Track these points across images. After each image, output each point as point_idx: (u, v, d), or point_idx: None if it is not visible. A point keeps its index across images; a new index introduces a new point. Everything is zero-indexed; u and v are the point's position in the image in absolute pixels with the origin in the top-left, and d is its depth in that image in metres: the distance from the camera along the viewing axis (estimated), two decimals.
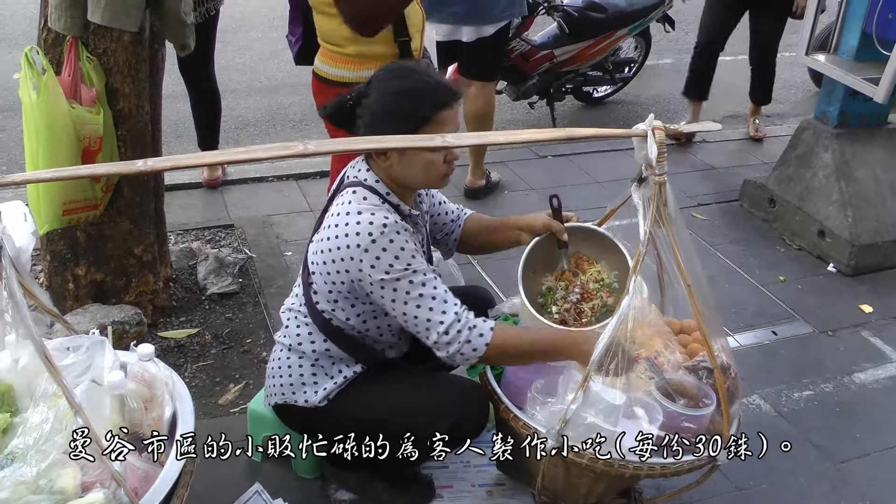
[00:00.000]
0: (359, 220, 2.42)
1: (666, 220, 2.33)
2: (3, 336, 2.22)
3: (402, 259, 2.39)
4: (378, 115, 2.45)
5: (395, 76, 2.51)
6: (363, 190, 2.52)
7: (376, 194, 2.52)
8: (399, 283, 2.39)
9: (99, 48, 3.29)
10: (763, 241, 5.05)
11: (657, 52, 8.12)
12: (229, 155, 2.09)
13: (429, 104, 2.43)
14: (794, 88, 8.22)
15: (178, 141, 5.53)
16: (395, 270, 2.38)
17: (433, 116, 2.42)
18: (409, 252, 2.41)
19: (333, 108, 2.60)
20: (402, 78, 2.49)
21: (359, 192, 2.51)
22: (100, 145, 3.28)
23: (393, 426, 2.52)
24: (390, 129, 2.38)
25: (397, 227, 2.42)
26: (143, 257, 3.76)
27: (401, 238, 2.41)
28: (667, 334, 2.77)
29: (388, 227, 2.40)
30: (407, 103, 2.43)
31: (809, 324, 4.22)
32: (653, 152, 2.24)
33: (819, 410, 3.59)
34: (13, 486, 1.96)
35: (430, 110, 2.42)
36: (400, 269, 2.38)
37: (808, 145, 5.06)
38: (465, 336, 2.39)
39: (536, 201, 5.41)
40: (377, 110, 2.46)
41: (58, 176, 2.27)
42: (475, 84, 5.07)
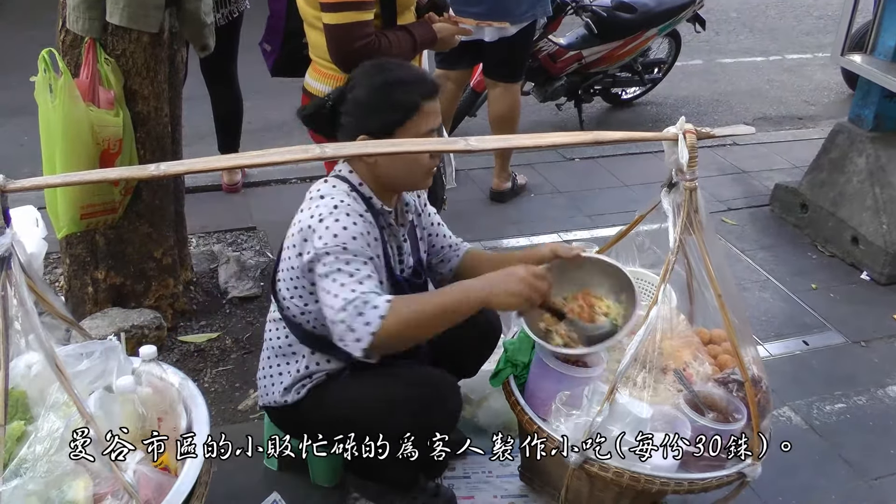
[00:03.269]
0: (318, 205, 2.39)
1: (697, 226, 2.27)
2: (18, 342, 2.18)
3: (340, 237, 2.30)
4: (367, 107, 2.42)
5: (380, 70, 2.49)
6: (333, 179, 2.50)
7: (347, 183, 2.47)
8: (327, 257, 2.28)
9: (117, 49, 3.26)
10: (794, 248, 4.94)
11: (687, 52, 8.03)
12: (245, 158, 2.05)
13: (417, 94, 2.40)
14: (826, 90, 8.10)
15: (202, 143, 5.49)
16: (328, 247, 2.28)
17: (421, 106, 2.40)
18: (351, 233, 2.31)
19: (311, 109, 2.56)
20: (387, 70, 2.48)
21: (329, 181, 2.49)
22: (119, 148, 3.25)
23: (360, 424, 2.44)
24: (377, 121, 2.38)
25: (349, 209, 2.36)
26: (163, 261, 3.73)
27: (348, 220, 2.33)
28: (696, 345, 2.70)
29: (338, 209, 2.35)
30: (395, 93, 2.40)
31: (842, 334, 4.11)
32: (684, 157, 2.18)
33: (851, 424, 3.49)
34: (24, 496, 1.93)
35: (419, 100, 2.40)
36: (332, 245, 2.28)
37: (842, 149, 4.95)
38: (358, 310, 2.16)
39: (563, 205, 5.35)
40: (364, 102, 2.42)
41: (68, 181, 2.23)
42: (500, 85, 5.01)
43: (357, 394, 2.54)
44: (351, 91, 2.47)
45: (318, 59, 3.22)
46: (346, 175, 2.50)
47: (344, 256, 2.28)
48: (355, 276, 2.25)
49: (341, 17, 2.94)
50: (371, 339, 2.14)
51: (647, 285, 3.00)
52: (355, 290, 2.21)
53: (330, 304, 2.23)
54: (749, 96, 7.87)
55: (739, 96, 7.85)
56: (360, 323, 2.15)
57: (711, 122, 7.11)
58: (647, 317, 2.32)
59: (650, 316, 2.30)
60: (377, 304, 2.17)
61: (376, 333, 2.14)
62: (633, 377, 2.41)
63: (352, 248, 2.29)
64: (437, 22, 3.30)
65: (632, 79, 7.18)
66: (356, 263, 2.28)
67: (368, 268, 2.30)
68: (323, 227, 2.32)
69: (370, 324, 2.14)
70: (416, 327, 2.23)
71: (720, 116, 7.34)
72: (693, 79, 8.23)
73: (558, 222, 5.12)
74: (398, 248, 2.62)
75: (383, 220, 2.53)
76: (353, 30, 2.95)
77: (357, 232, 2.33)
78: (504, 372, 2.74)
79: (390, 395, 2.48)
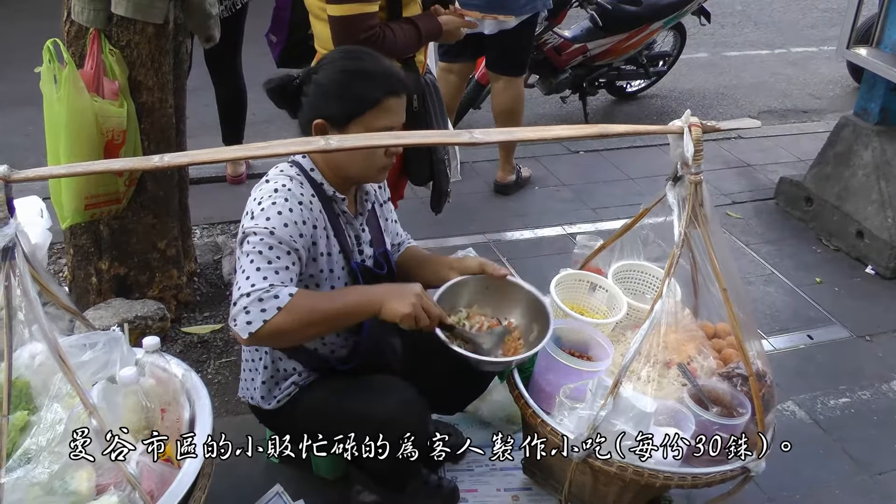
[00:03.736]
0: (261, 188, 2.40)
1: (702, 220, 2.26)
2: (22, 333, 2.18)
3: (272, 221, 2.28)
4: (326, 92, 2.38)
5: (349, 56, 2.44)
6: (284, 164, 2.48)
7: (297, 167, 2.46)
8: (252, 237, 2.26)
9: (122, 40, 3.25)
10: (799, 242, 4.93)
11: (692, 45, 8.01)
12: (249, 150, 2.03)
13: (380, 88, 2.35)
14: (832, 83, 8.07)
15: (207, 134, 5.48)
16: (256, 227, 2.27)
17: (382, 101, 2.35)
18: (283, 219, 2.29)
19: (276, 83, 2.47)
20: (355, 59, 2.42)
21: (281, 165, 2.48)
22: (123, 139, 3.25)
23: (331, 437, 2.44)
24: (336, 107, 2.35)
25: (289, 194, 2.34)
26: (167, 252, 3.72)
27: (284, 205, 2.31)
28: (700, 339, 2.69)
29: (277, 192, 2.34)
30: (357, 84, 2.36)
31: (846, 328, 4.10)
32: (689, 150, 2.17)
33: (856, 419, 3.48)
34: (26, 487, 1.93)
35: (380, 94, 2.35)
36: (261, 227, 2.26)
37: (848, 143, 4.93)
38: (258, 297, 2.14)
39: (568, 197, 5.34)
40: (326, 86, 2.38)
41: (72, 171, 2.22)
42: (503, 79, 4.99)
43: (327, 409, 2.54)
44: (316, 73, 2.42)
45: (323, 51, 3.21)
46: (299, 159, 2.49)
47: (268, 240, 2.26)
48: (273, 263, 2.24)
49: (346, 9, 2.93)
50: (261, 325, 2.14)
51: (651, 279, 2.99)
52: (267, 279, 2.20)
53: (239, 284, 2.21)
54: (754, 89, 7.85)
55: (744, 89, 7.82)
56: (257, 309, 2.14)
57: (716, 115, 7.09)
58: (651, 311, 2.31)
59: (655, 310, 2.29)
60: (279, 294, 2.17)
61: (268, 321, 2.14)
62: (637, 371, 2.40)
63: (278, 234, 2.27)
64: (443, 14, 3.29)
65: (637, 72, 7.15)
66: (278, 251, 2.26)
67: (290, 258, 2.29)
68: (259, 210, 2.31)
69: (266, 311, 2.14)
70: (309, 324, 2.23)
71: (725, 110, 7.32)
72: (698, 72, 8.21)
73: (562, 215, 5.11)
74: (356, 236, 2.60)
75: (336, 207, 2.51)
76: (357, 21, 2.94)
77: (290, 219, 2.31)
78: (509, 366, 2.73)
79: (360, 410, 2.47)
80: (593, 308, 2.96)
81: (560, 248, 4.64)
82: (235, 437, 3.06)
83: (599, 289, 2.95)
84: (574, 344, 2.72)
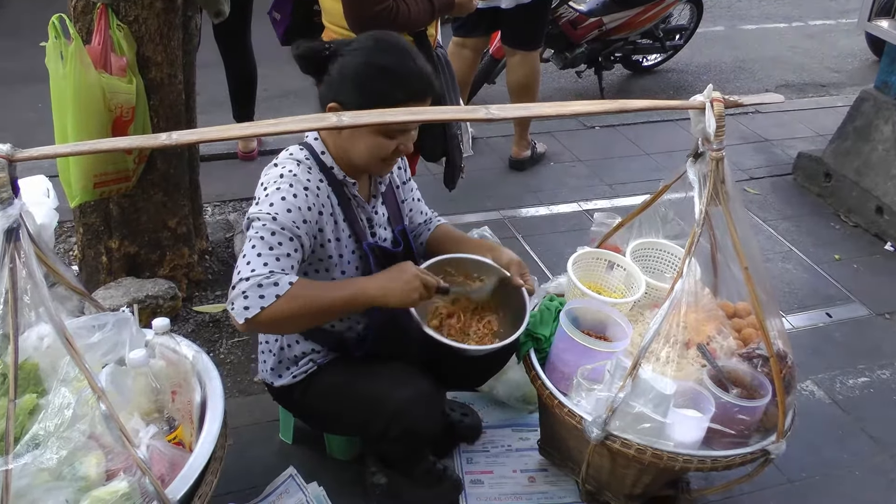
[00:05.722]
0: (269, 172, 2.38)
1: (723, 197, 2.21)
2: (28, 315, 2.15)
3: (275, 207, 2.26)
4: (348, 80, 2.30)
5: (378, 48, 2.34)
6: (295, 147, 2.45)
7: (308, 150, 2.43)
8: (256, 223, 2.25)
9: (130, 16, 3.20)
10: (817, 218, 4.87)
11: (709, 18, 7.93)
12: (259, 127, 1.99)
13: (402, 91, 2.27)
14: (851, 57, 7.97)
15: (219, 110, 5.44)
16: (260, 213, 2.26)
17: (402, 104, 2.24)
18: (286, 205, 2.27)
19: (306, 49, 2.40)
20: (385, 53, 2.33)
21: (290, 149, 2.45)
22: (132, 115, 3.21)
23: (344, 422, 2.47)
24: (353, 97, 2.27)
25: (294, 180, 2.32)
26: (178, 230, 3.69)
27: (289, 191, 2.29)
28: (720, 319, 2.64)
29: (283, 178, 2.32)
30: (380, 81, 2.27)
31: (866, 306, 4.05)
32: (711, 126, 2.12)
33: (875, 398, 3.43)
34: (35, 472, 1.91)
35: (401, 97, 2.26)
36: (265, 212, 2.25)
37: (868, 117, 4.85)
38: (258, 283, 2.14)
39: (584, 173, 5.28)
40: (349, 73, 2.31)
41: (78, 150, 2.18)
42: (518, 53, 4.93)
43: (340, 392, 2.52)
44: (346, 54, 2.34)
45: (332, 26, 3.16)
46: (311, 142, 2.46)
47: (271, 226, 2.23)
48: (275, 250, 2.22)
49: None
50: (258, 311, 2.13)
51: (670, 258, 2.94)
52: (267, 265, 2.19)
53: (239, 269, 2.19)
54: (771, 63, 7.76)
55: (762, 63, 7.74)
56: (255, 295, 2.13)
57: (733, 89, 7.01)
58: (671, 290, 2.26)
59: (675, 289, 2.25)
60: (279, 282, 2.16)
61: (266, 308, 2.13)
62: (656, 352, 2.35)
63: (281, 221, 2.24)
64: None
65: (653, 45, 7.09)
66: (280, 237, 2.24)
67: (291, 245, 2.26)
68: (264, 195, 2.30)
69: (264, 297, 2.13)
70: (307, 313, 2.22)
71: (742, 83, 7.24)
72: (715, 45, 8.12)
73: (578, 191, 5.05)
74: (367, 218, 2.56)
75: (347, 191, 2.47)
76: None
77: (293, 205, 2.28)
78: (525, 346, 2.69)
79: (372, 397, 2.46)
80: (611, 287, 2.91)
81: (575, 225, 4.60)
82: (248, 418, 3.07)
83: (617, 267, 2.90)
84: (591, 324, 2.68)
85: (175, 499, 1.98)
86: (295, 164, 2.37)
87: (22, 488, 1.86)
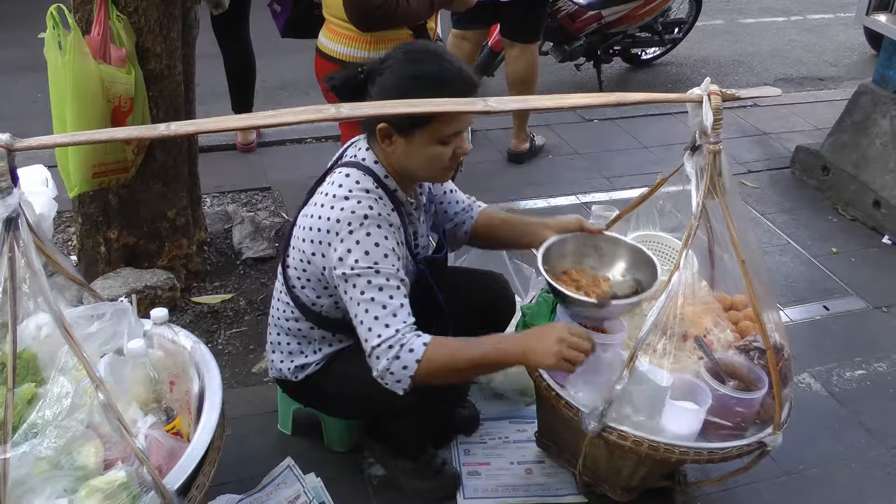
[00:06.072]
0: (343, 207, 2.29)
1: (720, 190, 2.22)
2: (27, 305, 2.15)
3: (372, 256, 2.25)
4: (390, 97, 2.23)
5: (412, 59, 2.32)
6: (357, 172, 2.37)
7: (371, 176, 2.37)
8: (359, 280, 2.25)
9: (129, 6, 3.20)
10: (815, 211, 4.87)
11: (708, 12, 7.92)
12: (258, 118, 1.99)
13: (448, 94, 2.17)
14: (849, 51, 7.97)
15: (218, 102, 5.44)
16: (359, 266, 2.24)
17: None
18: (382, 251, 2.26)
19: (341, 79, 2.39)
20: (421, 62, 2.30)
21: (353, 175, 2.36)
22: (130, 106, 3.21)
23: (373, 400, 2.44)
24: (402, 115, 2.23)
25: (379, 220, 2.28)
26: (177, 221, 3.69)
27: (379, 233, 2.27)
28: (717, 311, 2.65)
29: (368, 219, 2.27)
30: (425, 90, 2.16)
31: (863, 299, 4.05)
32: (708, 119, 2.12)
33: (872, 391, 3.44)
34: (33, 462, 1.91)
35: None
36: (364, 266, 2.24)
37: (866, 111, 4.86)
38: (395, 352, 2.20)
39: (582, 166, 5.29)
40: (390, 91, 2.26)
41: (76, 140, 2.18)
42: (517, 45, 4.93)
43: (361, 372, 2.49)
44: (381, 73, 2.31)
45: (333, 19, 3.16)
46: (371, 166, 2.40)
47: (376, 281, 2.24)
48: (388, 306, 2.24)
49: None
50: (410, 381, 2.22)
51: (668, 250, 2.95)
52: (390, 326, 2.23)
53: (364, 337, 2.25)
54: (770, 57, 7.76)
55: (760, 57, 7.74)
56: (398, 367, 2.21)
57: (732, 83, 7.01)
58: (668, 282, 2.27)
59: (672, 281, 2.25)
60: (413, 347, 2.21)
61: (413, 377, 2.21)
62: (653, 344, 2.36)
63: (383, 269, 2.25)
64: None
65: (652, 39, 7.08)
66: (389, 289, 2.25)
67: (400, 292, 2.28)
68: (353, 241, 2.26)
69: (408, 368, 2.20)
70: (449, 374, 2.29)
71: (741, 77, 7.24)
72: (713, 39, 8.12)
73: (577, 184, 5.05)
74: (414, 232, 2.56)
75: (405, 210, 2.46)
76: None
77: (388, 248, 2.28)
78: None
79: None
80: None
81: None
82: (246, 409, 3.08)
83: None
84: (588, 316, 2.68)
85: (173, 488, 1.97)
86: (373, 200, 2.31)
87: (20, 477, 1.86)
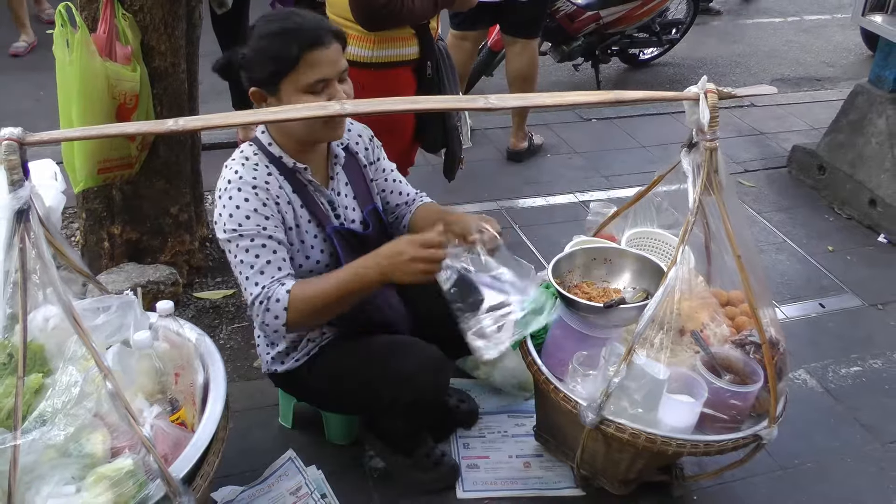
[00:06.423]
0: (221, 176, 2.42)
1: (716, 187, 2.25)
2: (36, 295, 2.18)
3: (235, 219, 2.32)
4: (251, 60, 2.35)
5: (266, 20, 2.39)
6: (245, 144, 2.49)
7: (255, 145, 2.47)
8: (229, 245, 2.35)
9: (135, 5, 3.24)
10: (811, 210, 4.90)
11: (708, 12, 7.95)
12: (262, 115, 2.03)
13: (296, 45, 2.27)
14: (845, 51, 8.01)
15: (219, 99, 5.45)
16: (228, 232, 2.33)
17: (302, 56, 2.27)
18: (244, 212, 2.32)
19: (223, 62, 2.49)
20: (270, 21, 2.37)
21: (242, 146, 2.49)
22: (135, 103, 3.24)
23: (353, 396, 2.53)
24: (262, 72, 2.32)
25: (240, 183, 2.35)
26: (179, 217, 3.72)
27: (239, 196, 2.34)
28: (713, 306, 2.68)
29: (231, 184, 2.36)
30: (274, 45, 2.29)
31: (858, 296, 4.09)
32: (705, 117, 2.15)
33: (867, 388, 3.46)
34: (42, 449, 1.94)
35: (297, 50, 2.27)
36: (230, 230, 2.33)
37: (862, 111, 4.89)
38: (265, 306, 2.28)
39: (580, 165, 5.32)
40: (250, 55, 2.35)
41: (86, 135, 2.21)
42: (518, 42, 4.95)
43: (346, 367, 2.57)
44: (245, 44, 2.39)
45: (337, 18, 3.18)
46: (259, 136, 2.49)
47: (242, 243, 2.32)
48: (255, 265, 2.32)
49: None
50: (284, 327, 2.31)
51: (665, 246, 2.98)
52: (258, 284, 2.31)
53: (244, 296, 2.37)
54: (767, 57, 7.80)
55: (757, 57, 7.78)
56: (270, 318, 2.29)
57: (729, 83, 7.01)
58: (665, 278, 2.30)
59: (669, 277, 2.28)
60: (279, 297, 2.28)
61: (287, 323, 2.29)
62: (650, 338, 2.39)
63: (246, 230, 2.32)
64: None
65: (650, 39, 7.11)
66: (254, 248, 2.32)
67: (268, 249, 2.34)
68: (221, 207, 2.36)
69: (279, 317, 2.28)
70: (321, 311, 2.34)
71: (738, 77, 7.27)
72: (711, 40, 8.15)
73: (575, 182, 5.09)
74: (329, 202, 2.57)
75: (301, 178, 2.49)
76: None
77: (249, 209, 2.33)
78: None
79: (380, 368, 2.50)
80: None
81: (572, 216, 4.63)
82: (248, 403, 3.11)
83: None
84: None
85: (178, 477, 2.00)
86: (240, 164, 2.40)
87: (29, 464, 1.89)
